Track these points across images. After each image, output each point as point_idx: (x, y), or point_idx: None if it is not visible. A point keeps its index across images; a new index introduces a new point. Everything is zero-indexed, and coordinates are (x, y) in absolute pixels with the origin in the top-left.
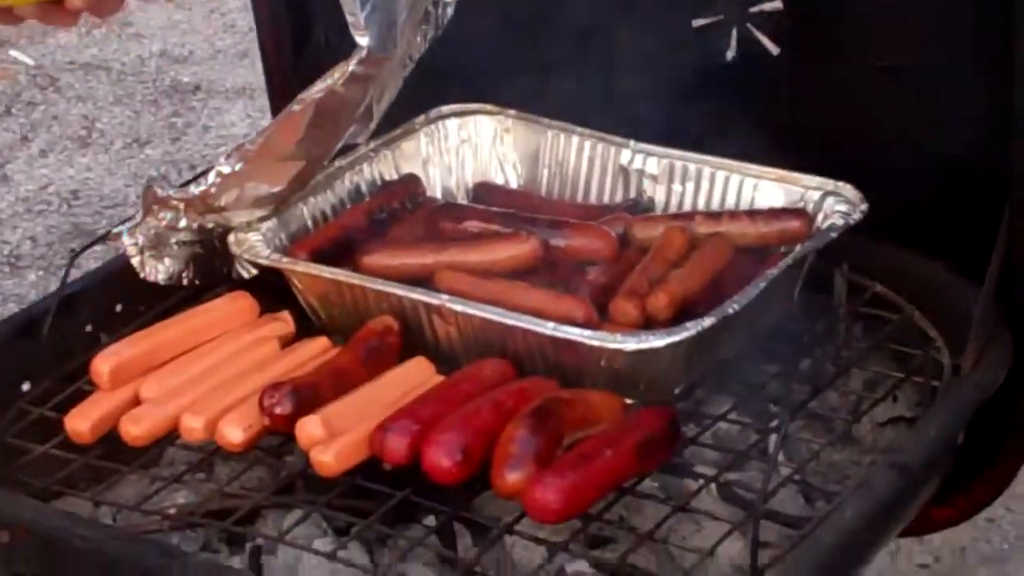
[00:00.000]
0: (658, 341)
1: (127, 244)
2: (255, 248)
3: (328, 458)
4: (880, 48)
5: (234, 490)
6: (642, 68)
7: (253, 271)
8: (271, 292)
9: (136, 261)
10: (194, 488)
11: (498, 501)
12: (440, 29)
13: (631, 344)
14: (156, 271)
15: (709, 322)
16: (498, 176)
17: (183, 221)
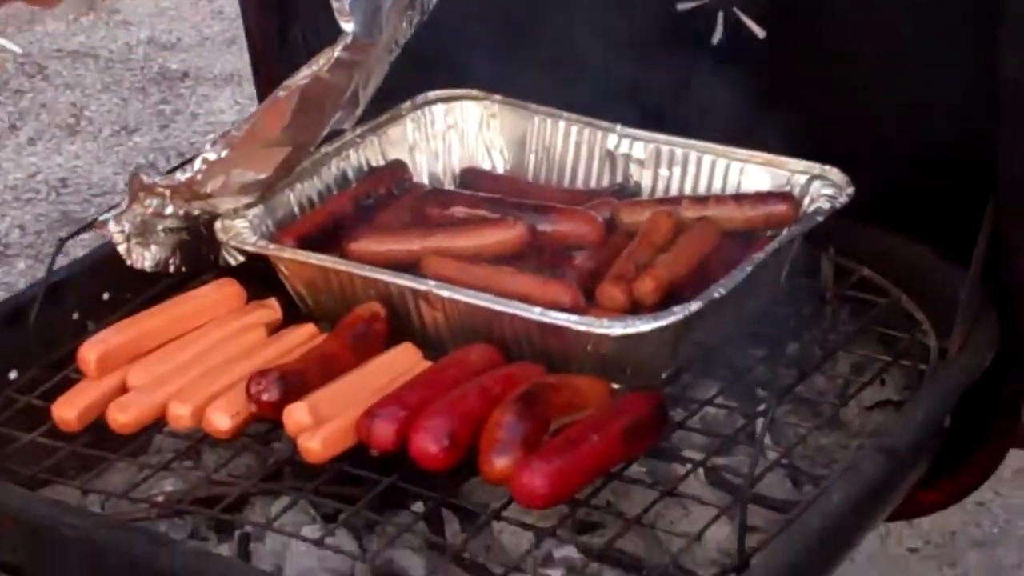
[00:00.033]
0: (645, 326)
1: (113, 231)
2: (241, 235)
3: (315, 445)
4: (866, 32)
5: (222, 477)
6: (628, 52)
7: (240, 258)
8: (258, 279)
9: (122, 248)
10: (182, 475)
11: (486, 487)
12: (426, 14)
13: (618, 329)
14: (143, 258)
15: (696, 306)
16: (485, 161)
17: (169, 208)
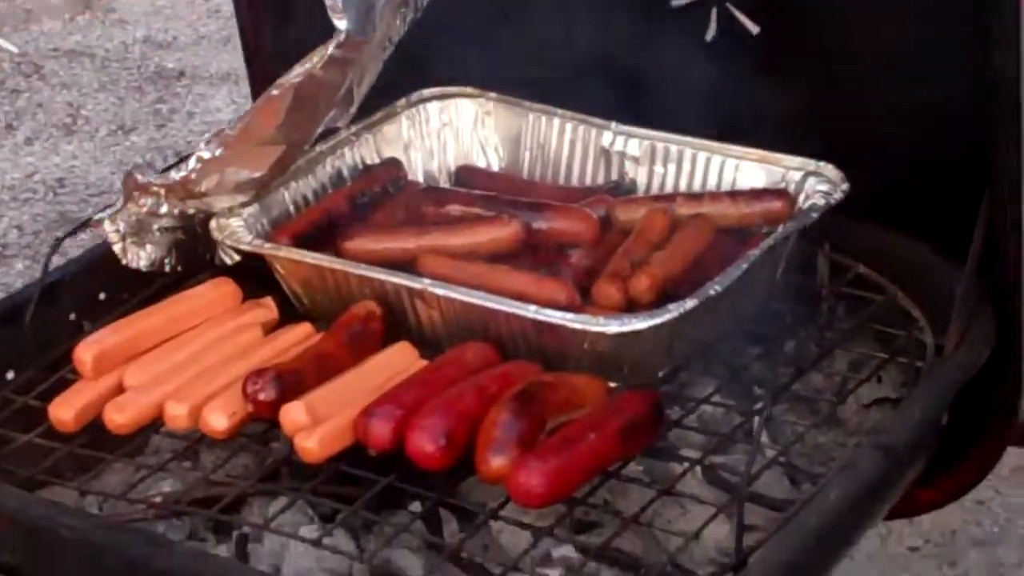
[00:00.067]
0: (641, 323)
1: (108, 231)
2: (237, 234)
3: (312, 444)
4: (862, 28)
5: (219, 478)
6: (623, 48)
7: (235, 257)
8: (254, 278)
9: (118, 248)
10: (179, 476)
11: (484, 486)
12: (420, 11)
13: (614, 327)
14: (138, 257)
15: (691, 304)
16: (480, 159)
17: (164, 207)
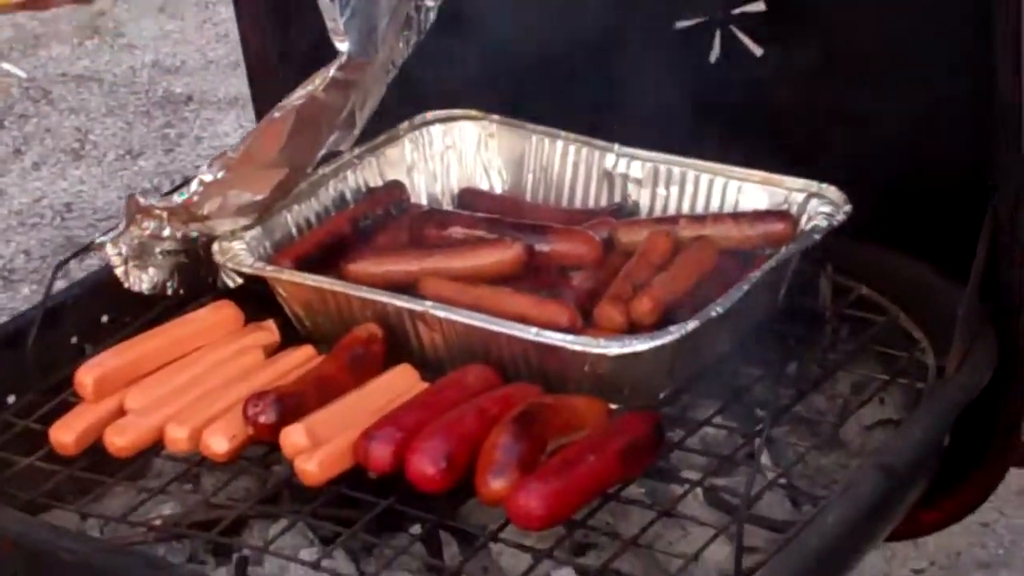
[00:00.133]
0: (641, 345)
1: (111, 254)
2: (239, 257)
3: (312, 467)
4: (863, 50)
5: (220, 500)
6: (627, 71)
7: (238, 280)
8: (256, 301)
9: (120, 271)
10: (180, 499)
11: (484, 508)
12: (423, 34)
13: (614, 348)
14: (140, 281)
15: (693, 326)
16: (483, 182)
17: (167, 230)
